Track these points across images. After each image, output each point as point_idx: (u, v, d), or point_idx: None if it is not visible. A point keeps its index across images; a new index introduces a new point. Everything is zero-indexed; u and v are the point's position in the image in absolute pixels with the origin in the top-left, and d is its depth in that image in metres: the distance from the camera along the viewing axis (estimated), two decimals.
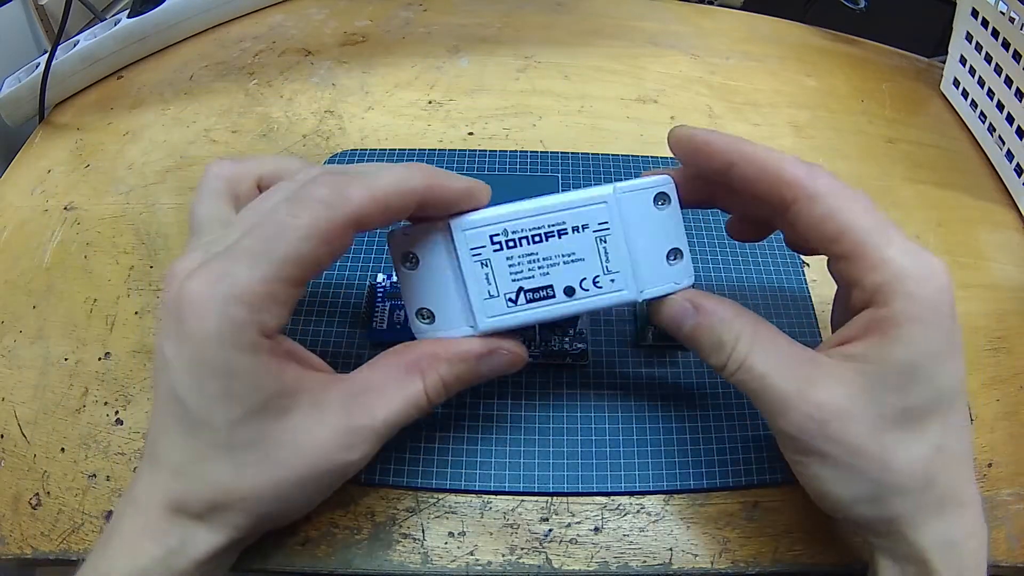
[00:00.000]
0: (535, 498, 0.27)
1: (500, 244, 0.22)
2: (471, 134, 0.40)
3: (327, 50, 0.47)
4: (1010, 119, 0.40)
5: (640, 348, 0.30)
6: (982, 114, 0.43)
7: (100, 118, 0.42)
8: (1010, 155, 0.40)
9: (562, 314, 0.22)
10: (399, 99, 0.43)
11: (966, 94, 0.45)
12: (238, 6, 0.50)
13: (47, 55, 0.40)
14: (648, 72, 0.46)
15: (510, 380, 0.29)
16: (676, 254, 0.23)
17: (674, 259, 0.23)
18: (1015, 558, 0.27)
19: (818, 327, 0.31)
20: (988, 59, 0.42)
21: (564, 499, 0.27)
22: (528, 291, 0.22)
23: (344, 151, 0.39)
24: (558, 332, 0.29)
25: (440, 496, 0.27)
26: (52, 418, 0.29)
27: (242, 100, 0.43)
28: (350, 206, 0.20)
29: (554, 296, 0.22)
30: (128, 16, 0.45)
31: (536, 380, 0.29)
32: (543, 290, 0.22)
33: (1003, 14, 0.39)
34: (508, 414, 0.28)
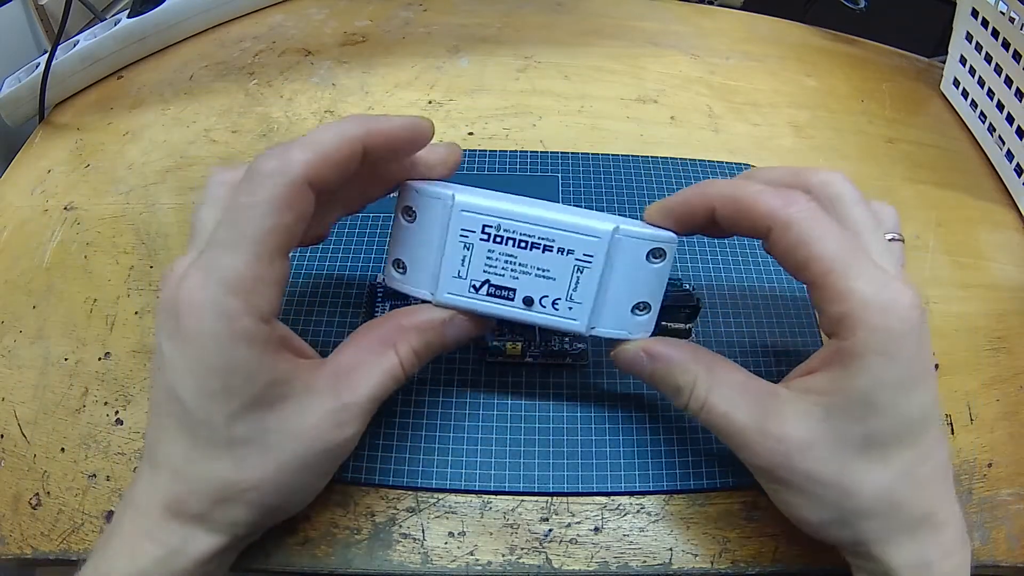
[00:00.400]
0: (535, 498, 0.27)
1: (488, 236, 0.22)
2: (471, 134, 0.40)
3: (327, 50, 0.47)
4: (1010, 119, 0.40)
5: None
6: (982, 114, 0.43)
7: (100, 118, 0.42)
8: (1010, 155, 0.40)
9: (512, 318, 0.23)
10: (399, 99, 0.43)
11: (966, 94, 0.45)
12: (238, 6, 0.50)
13: (47, 55, 0.40)
14: (648, 72, 0.46)
15: (510, 380, 0.29)
16: (644, 307, 0.24)
17: (640, 311, 0.24)
18: (1015, 558, 0.27)
19: (818, 328, 0.31)
20: (988, 59, 0.42)
21: (564, 499, 0.27)
22: (492, 286, 0.23)
23: None
24: (558, 333, 0.29)
25: (440, 496, 0.27)
26: (52, 418, 0.29)
27: (242, 100, 0.43)
28: (297, 167, 0.20)
29: (512, 300, 0.23)
30: (128, 16, 0.45)
31: (536, 380, 0.29)
32: (505, 291, 0.23)
33: (1003, 14, 0.39)
34: (508, 414, 0.28)
